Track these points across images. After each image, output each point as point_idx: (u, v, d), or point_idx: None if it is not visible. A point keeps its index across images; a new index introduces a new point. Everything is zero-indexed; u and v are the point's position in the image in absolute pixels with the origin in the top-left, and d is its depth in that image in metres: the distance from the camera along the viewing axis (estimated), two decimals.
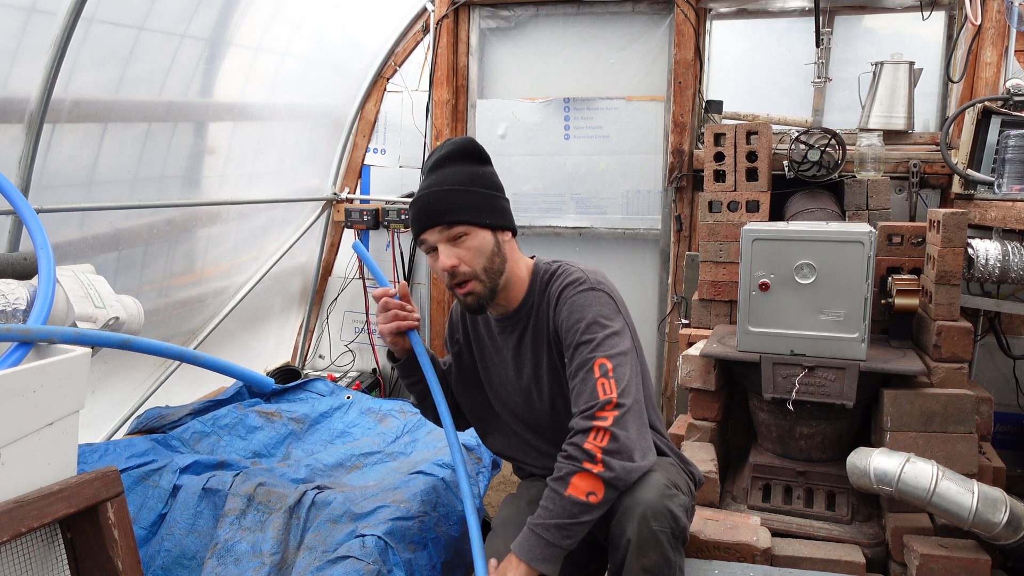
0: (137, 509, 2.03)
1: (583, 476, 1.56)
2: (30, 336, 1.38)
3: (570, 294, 1.74)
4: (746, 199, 3.18)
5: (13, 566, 1.24)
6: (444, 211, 1.71)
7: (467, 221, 1.71)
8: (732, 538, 2.20)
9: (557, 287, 1.78)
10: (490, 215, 1.75)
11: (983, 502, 2.14)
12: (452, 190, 1.72)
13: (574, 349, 1.69)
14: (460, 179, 1.73)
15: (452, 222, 1.70)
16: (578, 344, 1.69)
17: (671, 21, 3.60)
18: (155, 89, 2.70)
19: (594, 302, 1.73)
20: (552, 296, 1.79)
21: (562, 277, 1.79)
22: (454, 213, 1.71)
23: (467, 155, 1.78)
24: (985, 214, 2.73)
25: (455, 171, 1.74)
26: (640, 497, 1.57)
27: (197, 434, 2.42)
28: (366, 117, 4.05)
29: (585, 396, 1.63)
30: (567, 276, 1.78)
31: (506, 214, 1.80)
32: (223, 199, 3.27)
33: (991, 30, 3.09)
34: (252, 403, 2.69)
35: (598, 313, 1.71)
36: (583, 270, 1.80)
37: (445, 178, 1.73)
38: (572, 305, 1.73)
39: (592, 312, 1.71)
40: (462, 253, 1.71)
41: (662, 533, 1.56)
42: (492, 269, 1.74)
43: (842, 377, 2.50)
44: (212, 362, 2.00)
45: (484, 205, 1.74)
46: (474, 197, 1.73)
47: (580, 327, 1.69)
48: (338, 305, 4.24)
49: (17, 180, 2.19)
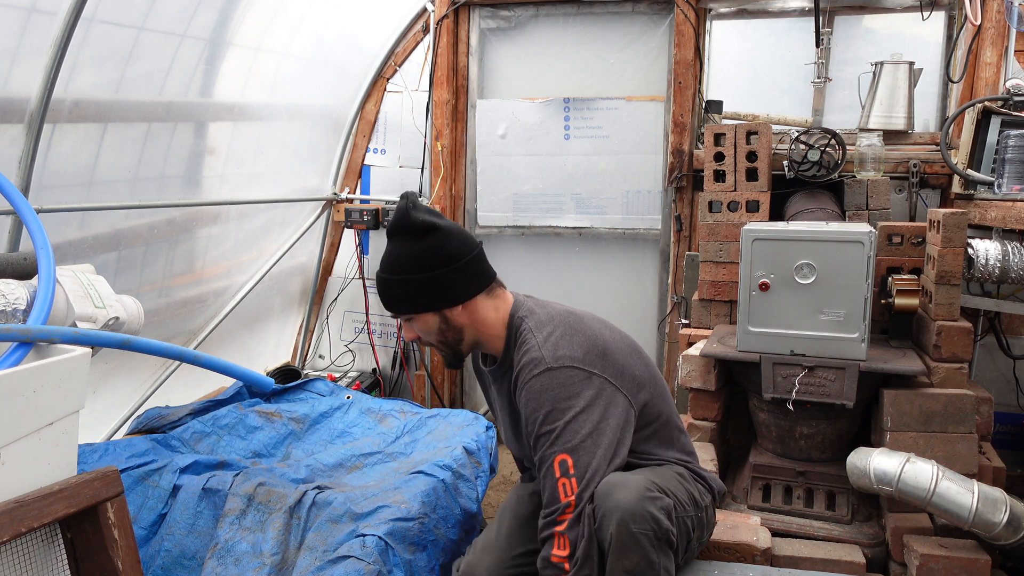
0: (137, 509, 2.03)
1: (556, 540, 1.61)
2: (30, 336, 1.38)
3: (524, 379, 1.70)
4: (746, 199, 3.18)
5: (13, 566, 1.24)
6: (386, 301, 1.77)
7: (404, 311, 1.76)
8: (732, 538, 2.20)
9: (517, 367, 1.74)
10: (428, 300, 1.73)
11: (983, 502, 2.14)
12: (387, 279, 1.75)
13: (535, 441, 1.68)
14: (396, 264, 1.73)
15: (393, 311, 1.78)
16: (537, 436, 1.67)
17: (671, 21, 3.60)
18: (155, 89, 2.70)
19: (550, 386, 1.67)
20: (515, 372, 1.75)
21: (523, 351, 1.74)
22: (394, 305, 1.76)
23: (401, 232, 1.73)
24: (985, 214, 2.73)
25: (393, 253, 1.74)
26: (619, 500, 1.58)
27: (197, 434, 2.42)
28: (366, 117, 4.05)
29: (547, 496, 1.65)
30: (526, 353, 1.72)
31: (451, 290, 1.73)
32: (223, 199, 3.27)
33: (991, 30, 3.09)
34: (252, 403, 2.68)
35: (556, 398, 1.66)
36: (543, 342, 1.72)
37: (386, 261, 1.75)
38: (528, 393, 1.69)
39: (548, 399, 1.66)
40: (415, 330, 1.79)
41: (642, 535, 1.56)
42: (447, 342, 1.78)
43: (842, 377, 2.50)
44: (212, 362, 2.00)
45: (418, 293, 1.72)
46: (406, 287, 1.72)
47: (538, 418, 1.67)
48: (338, 305, 4.24)
49: (17, 180, 2.19)
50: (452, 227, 1.75)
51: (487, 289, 1.79)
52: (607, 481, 1.62)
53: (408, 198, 1.75)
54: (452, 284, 1.73)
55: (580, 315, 1.83)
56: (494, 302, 1.80)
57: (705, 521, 1.89)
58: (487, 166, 3.93)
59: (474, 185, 4.00)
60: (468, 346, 1.81)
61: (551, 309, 1.83)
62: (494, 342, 1.81)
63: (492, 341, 1.81)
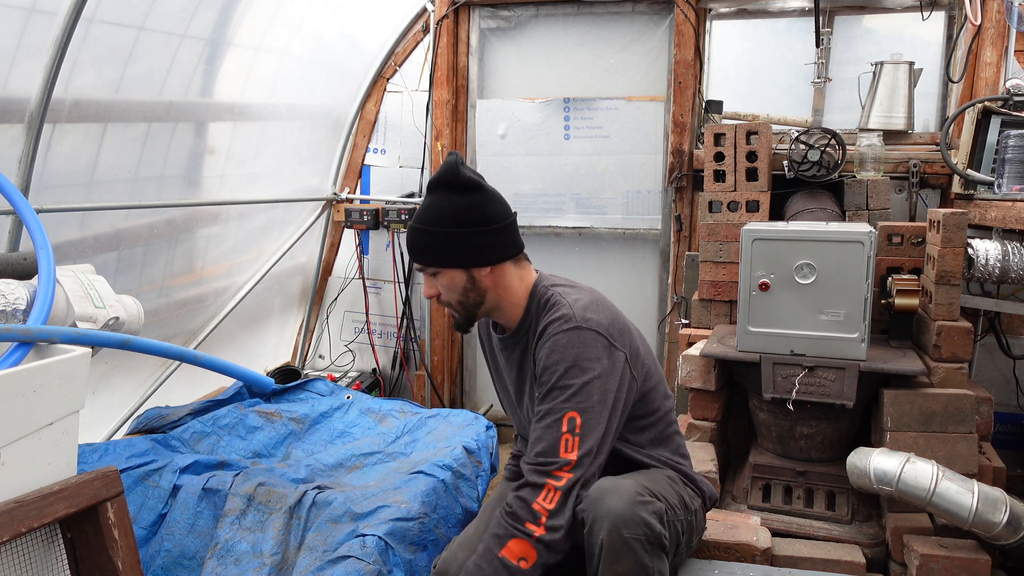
0: (137, 509, 2.02)
1: (520, 541, 1.58)
2: (30, 336, 1.38)
3: (553, 331, 1.70)
4: (746, 199, 3.18)
5: (13, 566, 1.24)
6: (415, 251, 1.76)
7: (434, 263, 1.75)
8: (732, 538, 2.20)
9: (544, 321, 1.75)
10: (460, 256, 1.73)
11: (983, 502, 2.14)
12: (423, 230, 1.73)
13: (547, 391, 1.68)
14: (434, 217, 1.72)
15: (422, 263, 1.76)
16: (552, 388, 1.67)
17: (671, 21, 3.60)
18: (155, 89, 2.70)
19: (576, 342, 1.68)
20: (539, 330, 1.76)
21: (551, 311, 1.75)
22: (423, 255, 1.75)
23: (446, 185, 1.73)
24: (985, 214, 2.73)
25: (433, 205, 1.73)
26: (610, 506, 1.56)
27: (197, 434, 2.42)
28: (366, 117, 4.05)
29: (545, 445, 1.63)
30: (555, 311, 1.74)
31: (484, 250, 1.74)
32: (223, 199, 3.27)
33: (991, 30, 3.09)
34: (252, 403, 2.68)
35: (579, 356, 1.67)
36: (573, 303, 1.74)
37: (424, 212, 1.75)
38: (553, 344, 1.69)
39: (571, 354, 1.67)
40: (438, 286, 1.78)
41: (635, 540, 1.55)
42: (466, 303, 1.78)
43: (842, 377, 2.50)
44: (212, 362, 2.00)
45: (453, 247, 1.72)
46: (442, 239, 1.72)
47: (558, 371, 1.67)
48: (338, 305, 4.24)
49: (17, 180, 2.19)
50: (494, 190, 1.77)
51: (516, 257, 1.81)
52: (598, 486, 1.61)
53: (456, 155, 1.77)
54: (486, 244, 1.74)
55: (604, 296, 1.86)
56: (519, 271, 1.81)
57: (695, 525, 1.88)
58: (487, 166, 3.93)
59: None
60: (485, 310, 1.81)
61: (578, 284, 1.86)
62: (512, 310, 1.81)
63: (510, 309, 1.81)
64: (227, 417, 2.51)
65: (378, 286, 4.19)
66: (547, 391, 1.68)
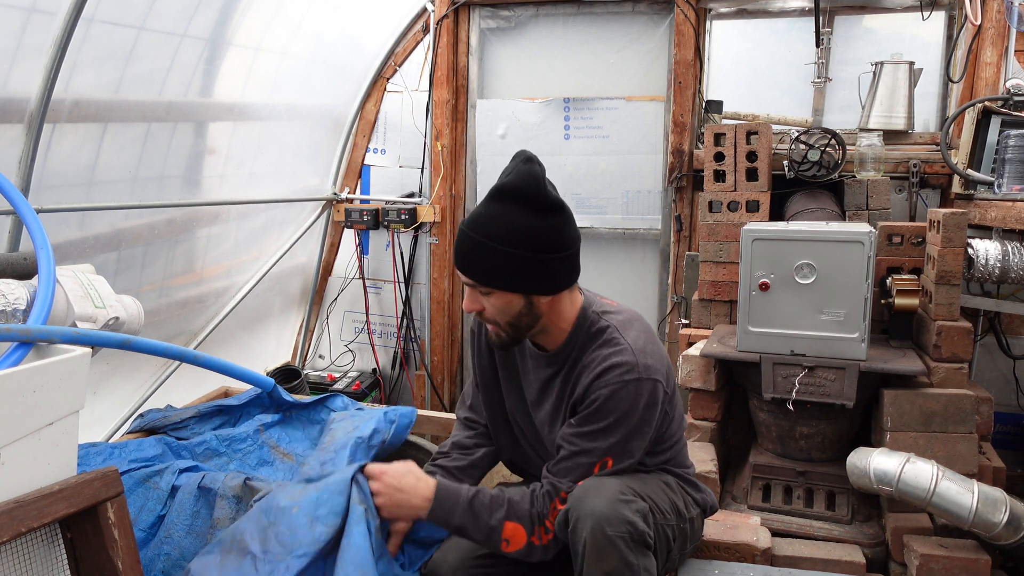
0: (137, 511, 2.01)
1: (519, 530, 1.62)
2: (30, 336, 1.38)
3: (613, 379, 1.60)
4: (746, 199, 3.18)
5: (13, 566, 1.24)
6: (470, 265, 1.59)
7: (492, 284, 1.59)
8: (732, 538, 2.20)
9: (599, 357, 1.63)
10: (526, 282, 1.58)
11: (983, 502, 2.14)
12: (487, 246, 1.55)
13: (592, 431, 1.62)
14: (502, 232, 1.54)
15: (477, 280, 1.60)
16: (598, 431, 1.62)
17: (671, 21, 3.60)
18: (155, 89, 2.70)
19: (634, 395, 1.60)
20: (592, 367, 1.64)
21: (607, 347, 1.64)
22: (478, 272, 1.58)
23: (525, 200, 1.55)
24: (985, 214, 2.73)
25: (503, 218, 1.54)
26: (592, 506, 1.55)
27: (210, 451, 2.32)
28: (366, 117, 4.05)
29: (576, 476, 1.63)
30: (614, 353, 1.62)
31: (553, 279, 1.60)
32: (223, 199, 3.27)
33: (991, 30, 3.09)
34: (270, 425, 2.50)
35: (631, 408, 1.60)
36: (632, 343, 1.63)
37: (489, 224, 1.55)
38: (612, 392, 1.60)
39: (625, 406, 1.60)
40: (486, 303, 1.63)
41: (618, 538, 1.53)
42: (518, 325, 1.65)
43: (842, 377, 2.50)
44: (212, 362, 2.00)
45: (520, 271, 1.56)
46: (509, 261, 1.55)
47: (609, 419, 1.61)
48: (338, 305, 4.24)
49: (17, 180, 2.18)
50: (570, 210, 1.62)
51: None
52: (582, 486, 1.61)
53: (536, 162, 1.57)
54: (556, 273, 1.60)
55: (646, 325, 1.77)
56: (571, 295, 1.71)
57: (688, 533, 1.86)
58: (487, 166, 3.93)
59: (474, 185, 4.00)
60: (533, 333, 1.71)
61: (620, 307, 1.77)
62: (558, 334, 1.71)
63: (557, 332, 1.71)
64: (245, 443, 2.38)
65: (378, 286, 4.19)
66: (592, 431, 1.62)
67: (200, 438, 2.30)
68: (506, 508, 1.63)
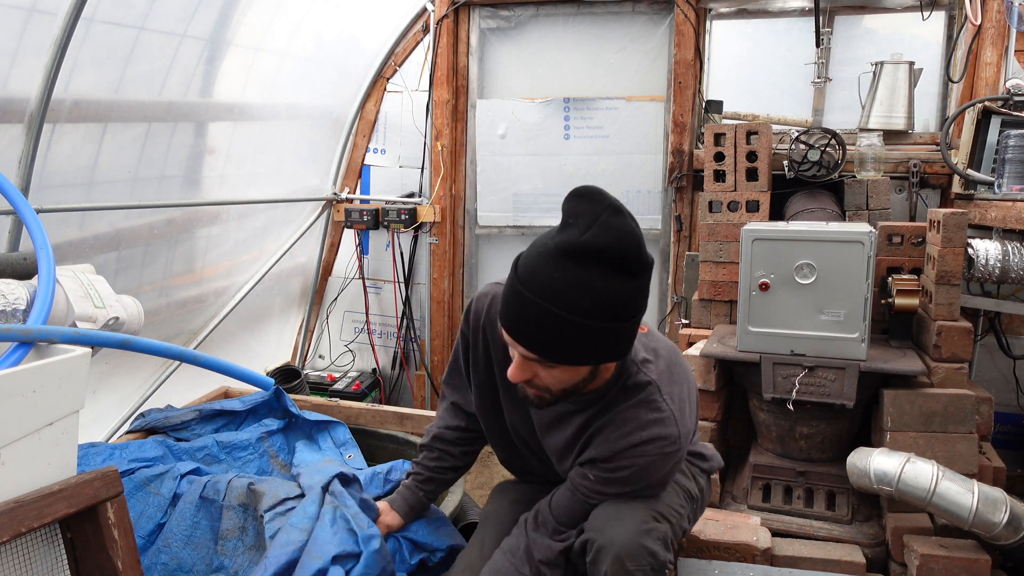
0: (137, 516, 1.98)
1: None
2: (30, 336, 1.38)
3: (653, 451, 1.46)
4: (746, 199, 3.18)
5: (13, 566, 1.24)
6: (539, 340, 1.30)
7: (564, 361, 1.33)
8: (732, 538, 2.20)
9: (639, 428, 1.46)
10: (603, 353, 1.34)
11: (983, 502, 2.14)
12: (564, 319, 1.25)
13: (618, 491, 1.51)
14: (589, 304, 1.25)
15: (544, 357, 1.33)
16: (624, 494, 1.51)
17: (671, 21, 3.60)
18: (155, 89, 2.70)
19: (673, 465, 1.50)
20: (626, 428, 1.47)
21: (650, 415, 1.46)
22: (550, 350, 1.31)
23: (617, 263, 1.25)
24: (985, 214, 2.73)
25: (588, 285, 1.24)
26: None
27: (210, 456, 2.28)
28: (366, 117, 4.05)
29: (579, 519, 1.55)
30: (656, 423, 1.45)
31: (629, 342, 1.37)
32: (223, 199, 3.27)
33: (991, 30, 3.09)
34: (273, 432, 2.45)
35: (665, 475, 1.51)
36: (676, 409, 1.47)
37: (570, 291, 1.24)
38: (649, 464, 1.47)
39: (660, 475, 1.50)
40: (539, 374, 1.38)
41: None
42: (572, 391, 1.43)
43: (842, 377, 2.50)
44: (212, 362, 2.00)
45: (603, 344, 1.31)
46: (593, 335, 1.27)
47: (640, 485, 1.50)
48: (338, 305, 4.24)
49: (17, 180, 2.18)
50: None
51: None
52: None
53: (626, 214, 1.27)
54: (631, 335, 1.36)
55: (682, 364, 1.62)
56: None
57: (699, 506, 1.81)
58: (487, 166, 3.93)
59: (474, 185, 4.00)
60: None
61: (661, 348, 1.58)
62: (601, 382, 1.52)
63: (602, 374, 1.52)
64: (246, 451, 2.34)
65: (378, 286, 4.19)
66: (618, 493, 1.52)
67: (201, 442, 2.26)
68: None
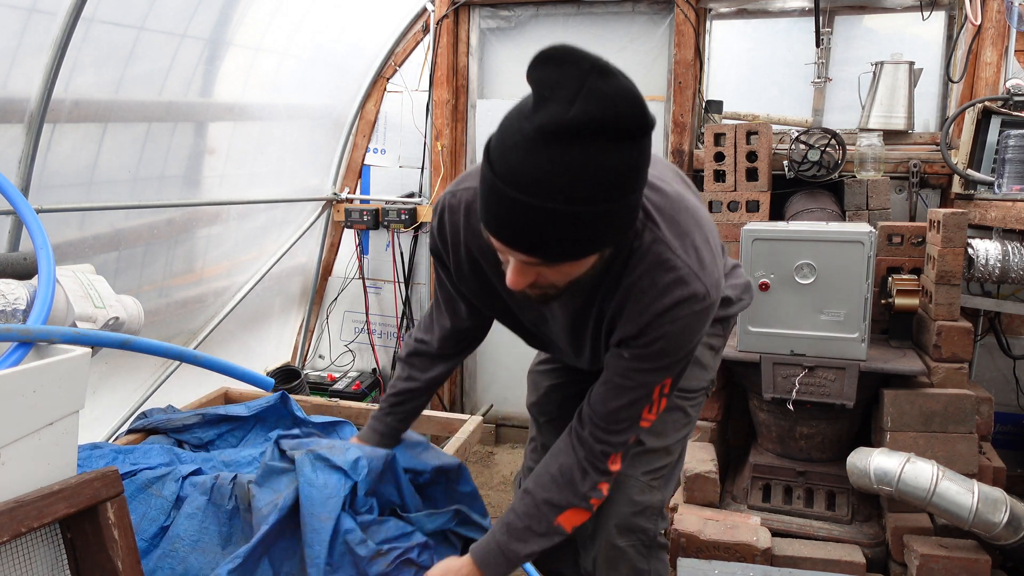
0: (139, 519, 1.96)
1: (579, 512, 1.42)
2: (30, 336, 1.38)
3: (683, 314, 1.26)
4: (746, 199, 3.18)
5: (13, 566, 1.24)
6: (538, 243, 1.08)
7: (574, 256, 1.12)
8: (732, 538, 2.20)
9: (660, 295, 1.26)
10: (609, 239, 1.13)
11: (983, 502, 2.14)
12: (557, 212, 1.03)
13: (654, 365, 1.32)
14: (579, 192, 1.02)
15: (548, 259, 1.11)
16: (661, 368, 1.33)
17: (671, 21, 3.60)
18: (155, 89, 2.70)
19: (705, 320, 1.30)
20: (647, 299, 1.27)
21: (668, 276, 1.25)
22: (552, 250, 1.09)
23: (609, 134, 1.01)
24: (985, 214, 2.73)
25: (586, 166, 1.01)
26: (606, 513, 1.52)
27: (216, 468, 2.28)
28: (366, 117, 4.05)
29: (629, 414, 1.36)
30: (676, 284, 1.25)
31: (633, 214, 1.15)
32: (223, 199, 3.27)
33: (991, 30, 3.09)
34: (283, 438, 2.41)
35: (700, 334, 1.32)
36: (695, 263, 1.26)
37: (556, 178, 1.01)
38: (682, 329, 1.28)
39: (693, 335, 1.31)
40: (543, 274, 1.16)
41: (629, 547, 1.52)
42: (579, 280, 1.20)
43: (842, 377, 2.50)
44: (212, 362, 1.99)
45: (608, 229, 1.10)
46: (597, 221, 1.06)
47: (678, 355, 1.32)
48: (338, 305, 4.24)
49: (17, 180, 2.19)
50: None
51: None
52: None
53: (612, 72, 1.02)
54: (637, 207, 1.14)
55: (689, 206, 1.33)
56: None
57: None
58: None
59: None
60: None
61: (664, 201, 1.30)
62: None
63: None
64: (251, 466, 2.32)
65: (378, 286, 4.19)
66: (653, 367, 1.32)
67: (204, 456, 2.24)
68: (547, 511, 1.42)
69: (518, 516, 1.43)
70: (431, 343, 1.69)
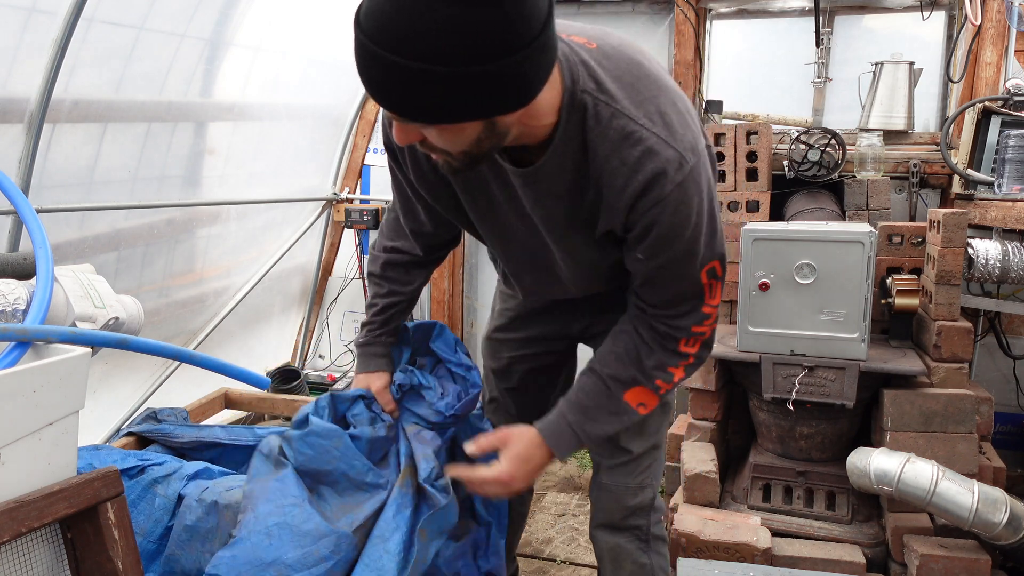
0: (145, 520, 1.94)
1: (645, 392, 1.39)
2: (27, 336, 1.38)
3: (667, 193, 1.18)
4: (746, 199, 3.18)
5: (13, 566, 1.24)
6: (396, 101, 1.02)
7: (435, 119, 1.05)
8: (732, 538, 2.20)
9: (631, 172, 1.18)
10: (485, 108, 1.03)
11: (983, 502, 2.14)
12: (409, 69, 0.96)
13: (670, 256, 1.26)
14: (430, 49, 0.95)
15: (410, 118, 1.06)
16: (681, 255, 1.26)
17: (671, 21, 3.60)
18: (155, 89, 2.70)
19: (699, 190, 1.21)
20: (621, 179, 1.19)
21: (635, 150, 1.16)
22: (407, 110, 1.03)
23: None
24: (985, 214, 2.73)
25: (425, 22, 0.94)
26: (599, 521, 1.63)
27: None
28: (366, 117, 4.05)
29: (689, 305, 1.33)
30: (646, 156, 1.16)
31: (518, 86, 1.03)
32: (223, 199, 3.27)
33: (991, 30, 3.09)
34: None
35: (701, 207, 1.23)
36: (658, 128, 1.17)
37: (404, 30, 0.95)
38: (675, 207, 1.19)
39: (693, 209, 1.22)
40: (426, 136, 1.11)
41: (628, 543, 1.61)
42: (476, 152, 1.12)
43: (842, 377, 2.50)
44: (210, 362, 1.99)
45: (477, 96, 1.00)
46: (457, 88, 0.98)
47: (687, 234, 1.23)
48: (338, 305, 4.24)
49: (17, 180, 2.19)
50: None
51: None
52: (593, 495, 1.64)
53: None
54: (522, 75, 1.01)
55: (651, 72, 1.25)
56: (551, 78, 1.11)
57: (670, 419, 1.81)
58: None
59: None
60: (502, 149, 1.21)
61: (620, 69, 1.21)
62: (539, 132, 1.19)
63: (537, 132, 1.18)
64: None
65: None
66: (671, 258, 1.26)
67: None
68: (614, 387, 1.39)
69: (586, 395, 1.40)
70: (407, 250, 1.63)
